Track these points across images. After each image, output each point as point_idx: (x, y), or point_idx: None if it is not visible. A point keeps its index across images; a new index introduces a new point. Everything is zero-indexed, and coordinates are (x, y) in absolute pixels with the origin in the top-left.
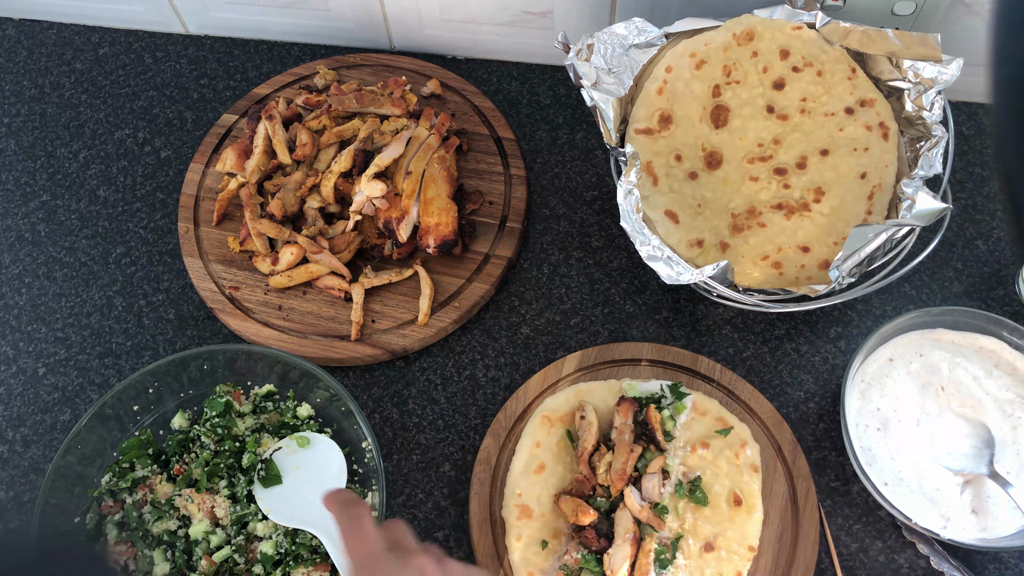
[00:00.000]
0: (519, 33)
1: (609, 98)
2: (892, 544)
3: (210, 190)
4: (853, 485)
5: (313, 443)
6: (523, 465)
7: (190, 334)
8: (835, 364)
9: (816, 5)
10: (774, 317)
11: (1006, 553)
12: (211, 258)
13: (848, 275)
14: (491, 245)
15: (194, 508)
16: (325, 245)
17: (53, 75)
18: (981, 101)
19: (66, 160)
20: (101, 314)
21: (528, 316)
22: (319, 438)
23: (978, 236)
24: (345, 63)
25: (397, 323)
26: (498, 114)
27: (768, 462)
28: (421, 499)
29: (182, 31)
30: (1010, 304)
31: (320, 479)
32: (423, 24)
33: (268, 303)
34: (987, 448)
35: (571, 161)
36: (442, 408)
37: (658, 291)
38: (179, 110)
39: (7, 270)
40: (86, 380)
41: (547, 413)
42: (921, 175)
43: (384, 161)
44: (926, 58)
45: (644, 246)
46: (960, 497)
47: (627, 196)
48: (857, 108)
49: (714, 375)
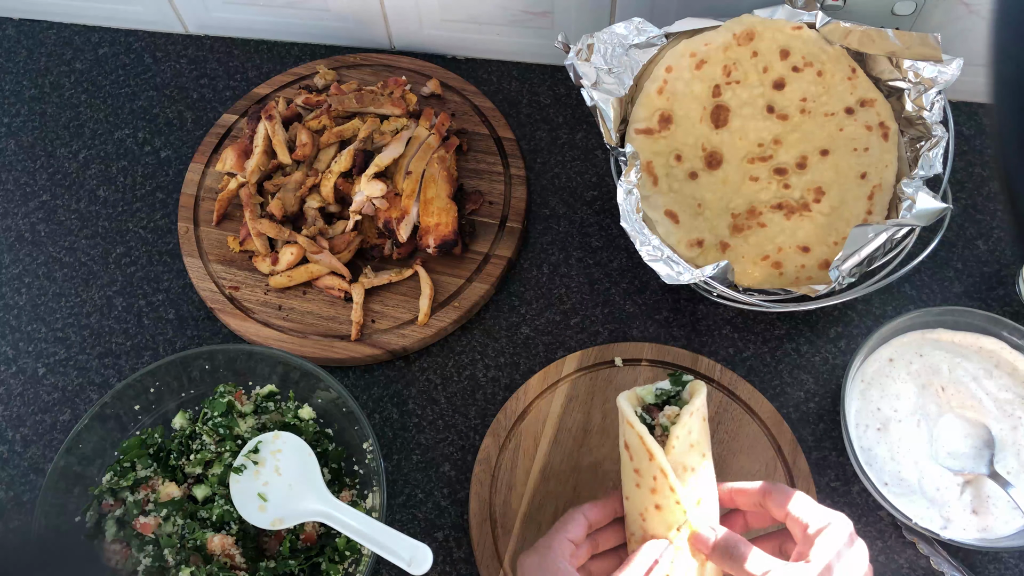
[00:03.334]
0: (519, 33)
1: (609, 98)
2: (892, 544)
3: (210, 190)
4: (853, 485)
5: (283, 439)
6: None
7: (190, 334)
8: (835, 364)
9: (816, 5)
10: (774, 317)
11: (1006, 553)
12: (211, 258)
13: (848, 275)
14: (491, 245)
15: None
16: (325, 245)
17: (53, 75)
18: (981, 101)
19: (66, 160)
20: (101, 314)
21: (528, 316)
22: (285, 435)
23: (978, 236)
24: (345, 63)
25: (397, 323)
26: (498, 114)
27: (768, 462)
28: (421, 499)
29: (182, 31)
30: (1010, 304)
31: (299, 472)
32: (423, 24)
33: (268, 303)
34: (987, 448)
35: (571, 161)
36: (442, 408)
37: (658, 291)
38: (179, 110)
39: (7, 270)
40: (86, 380)
41: None
42: (921, 175)
43: (384, 161)
44: (926, 58)
45: (644, 246)
46: (960, 497)
47: (627, 196)
48: (857, 108)
49: (714, 375)
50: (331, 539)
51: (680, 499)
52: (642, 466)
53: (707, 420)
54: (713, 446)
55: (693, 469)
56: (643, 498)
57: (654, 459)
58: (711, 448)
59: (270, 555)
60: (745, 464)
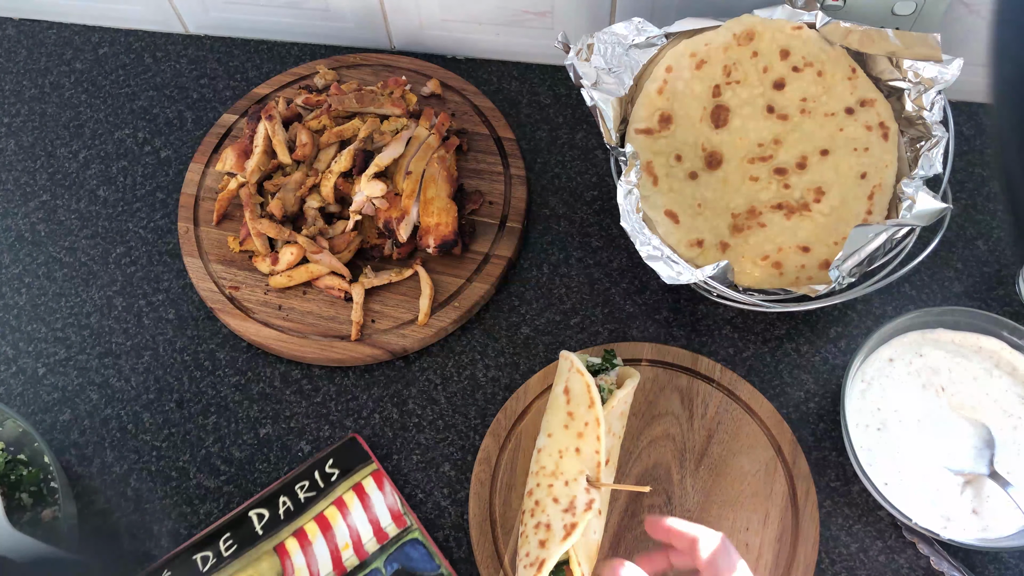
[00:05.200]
0: (519, 33)
1: (609, 98)
2: (892, 544)
3: (210, 190)
4: (853, 485)
5: None
6: None
7: (190, 334)
8: (835, 364)
9: (816, 5)
10: (774, 317)
11: (1006, 553)
12: (211, 258)
13: (848, 275)
14: (491, 245)
15: None
16: (325, 245)
17: (53, 75)
18: (981, 101)
19: (66, 160)
20: (101, 314)
21: (528, 316)
22: None
23: (978, 236)
24: (345, 63)
25: (397, 323)
26: (498, 114)
27: (768, 462)
28: (421, 499)
29: (182, 31)
30: (1010, 304)
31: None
32: (423, 24)
33: (268, 303)
34: (987, 448)
35: (571, 161)
36: (442, 408)
37: (658, 291)
38: (179, 110)
39: (7, 270)
40: (86, 380)
41: None
42: (921, 175)
43: (384, 161)
44: (926, 58)
45: (644, 246)
46: (960, 497)
47: (627, 196)
48: (857, 108)
49: (714, 375)
50: None
51: (600, 449)
52: (578, 411)
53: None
54: (713, 447)
55: (616, 435)
56: (568, 439)
57: (594, 407)
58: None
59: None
60: (745, 464)
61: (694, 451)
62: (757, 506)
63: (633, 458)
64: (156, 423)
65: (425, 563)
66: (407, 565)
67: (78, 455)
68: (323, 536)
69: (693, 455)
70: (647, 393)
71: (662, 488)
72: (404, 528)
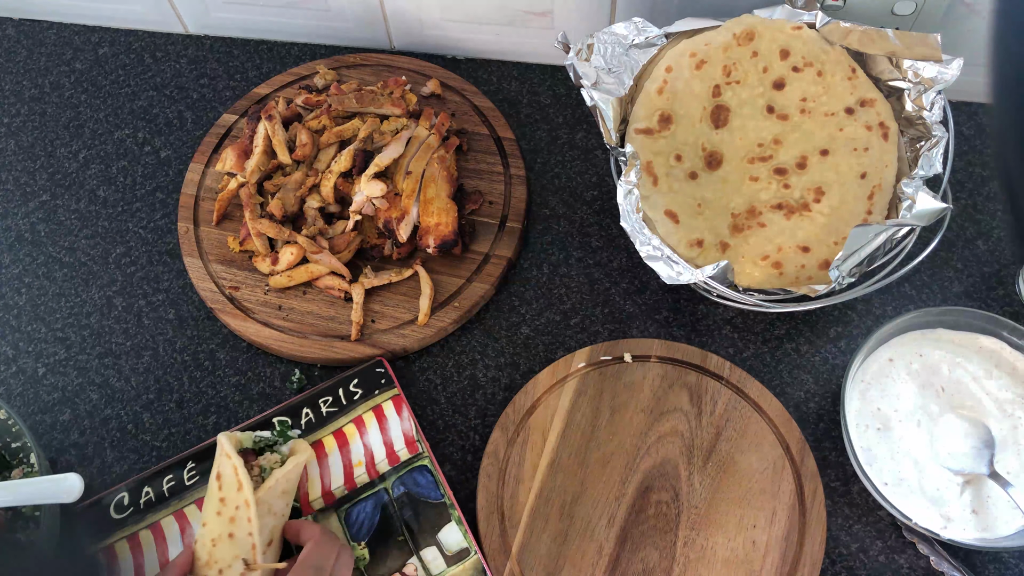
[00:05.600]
0: (519, 33)
1: (609, 98)
2: (892, 544)
3: (210, 190)
4: (853, 485)
5: None
6: None
7: (190, 334)
8: (835, 364)
9: (816, 5)
10: (774, 317)
11: (1006, 553)
12: (211, 258)
13: (848, 275)
14: (491, 245)
15: None
16: (325, 245)
17: (53, 75)
18: (981, 101)
19: (66, 160)
20: (101, 314)
21: (528, 316)
22: None
23: (978, 236)
24: (345, 63)
25: (397, 323)
26: (498, 114)
27: (776, 461)
28: None
29: (182, 31)
30: (1010, 304)
31: None
32: (423, 24)
33: (268, 303)
34: (987, 448)
35: (571, 161)
36: (442, 408)
37: (658, 291)
38: (179, 110)
39: (7, 270)
40: (86, 380)
41: None
42: (921, 175)
43: (384, 161)
44: (926, 58)
45: (644, 246)
46: (960, 497)
47: (627, 196)
48: (857, 108)
49: (723, 373)
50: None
51: (253, 531)
52: (229, 495)
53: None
54: (721, 444)
55: (278, 514)
56: (221, 526)
57: (242, 490)
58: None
59: None
60: (753, 463)
61: (702, 448)
62: (764, 504)
63: (641, 454)
64: (156, 423)
65: (431, 490)
66: (413, 490)
67: (78, 455)
68: (339, 451)
69: (701, 452)
70: (656, 390)
71: (670, 484)
72: (416, 454)
